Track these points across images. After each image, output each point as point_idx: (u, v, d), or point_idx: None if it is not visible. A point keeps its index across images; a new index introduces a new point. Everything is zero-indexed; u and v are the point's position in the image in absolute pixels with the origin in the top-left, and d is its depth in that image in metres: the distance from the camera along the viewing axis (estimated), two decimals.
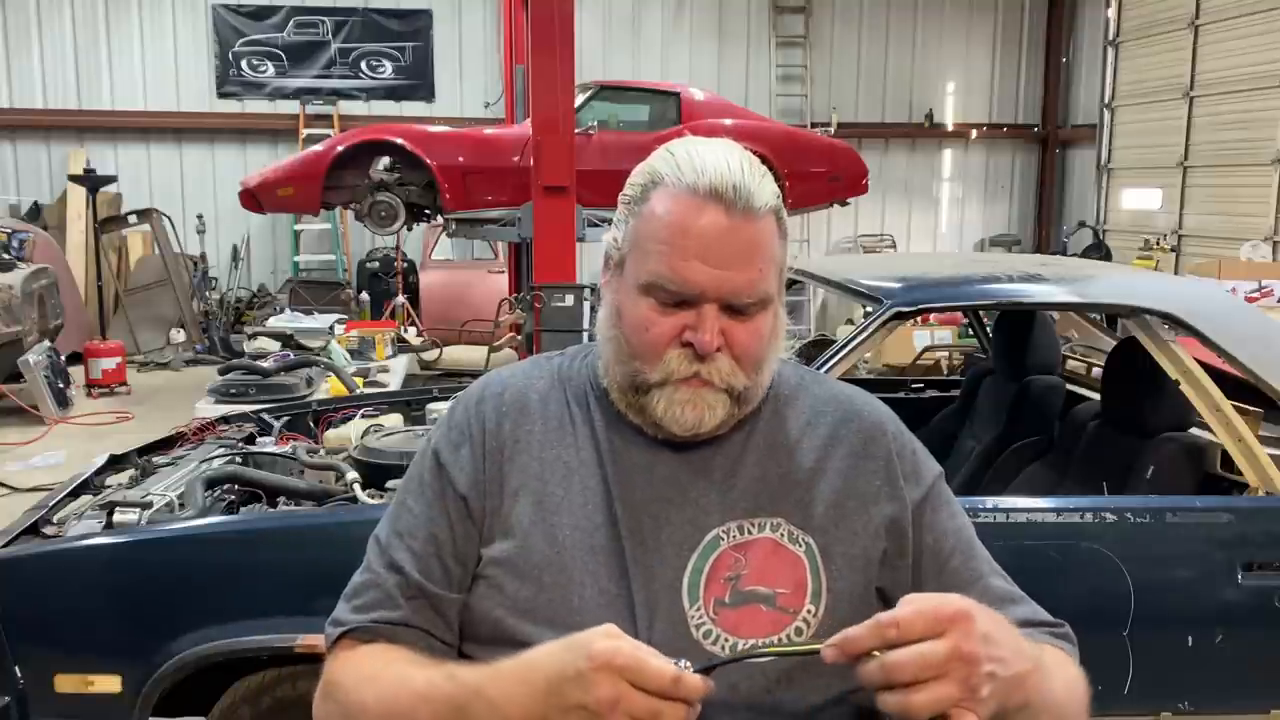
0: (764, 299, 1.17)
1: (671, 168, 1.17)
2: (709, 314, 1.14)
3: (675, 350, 1.16)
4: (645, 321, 1.16)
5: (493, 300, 9.82)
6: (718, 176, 1.13)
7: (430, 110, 12.58)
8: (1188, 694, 2.69)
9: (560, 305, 6.40)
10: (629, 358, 1.18)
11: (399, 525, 1.25)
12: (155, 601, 2.53)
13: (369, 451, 3.12)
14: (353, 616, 1.22)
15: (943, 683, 0.97)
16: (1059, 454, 3.40)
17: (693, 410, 1.16)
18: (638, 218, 1.18)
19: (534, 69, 6.64)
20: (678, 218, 1.14)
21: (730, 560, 1.18)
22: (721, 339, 1.15)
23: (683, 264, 1.13)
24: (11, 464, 7.03)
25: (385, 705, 1.13)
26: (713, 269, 1.13)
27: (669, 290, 1.15)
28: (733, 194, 1.13)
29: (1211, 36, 10.89)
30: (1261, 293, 8.25)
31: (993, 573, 1.25)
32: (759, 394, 1.22)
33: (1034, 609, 1.24)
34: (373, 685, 1.15)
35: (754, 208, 1.14)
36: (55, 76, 12.20)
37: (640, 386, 1.18)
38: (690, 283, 1.13)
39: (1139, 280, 3.86)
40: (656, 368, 1.16)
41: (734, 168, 1.14)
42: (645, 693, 0.96)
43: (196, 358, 10.53)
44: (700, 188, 1.13)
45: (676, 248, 1.13)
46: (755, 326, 1.17)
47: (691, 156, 1.16)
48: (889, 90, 13.66)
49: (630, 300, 1.18)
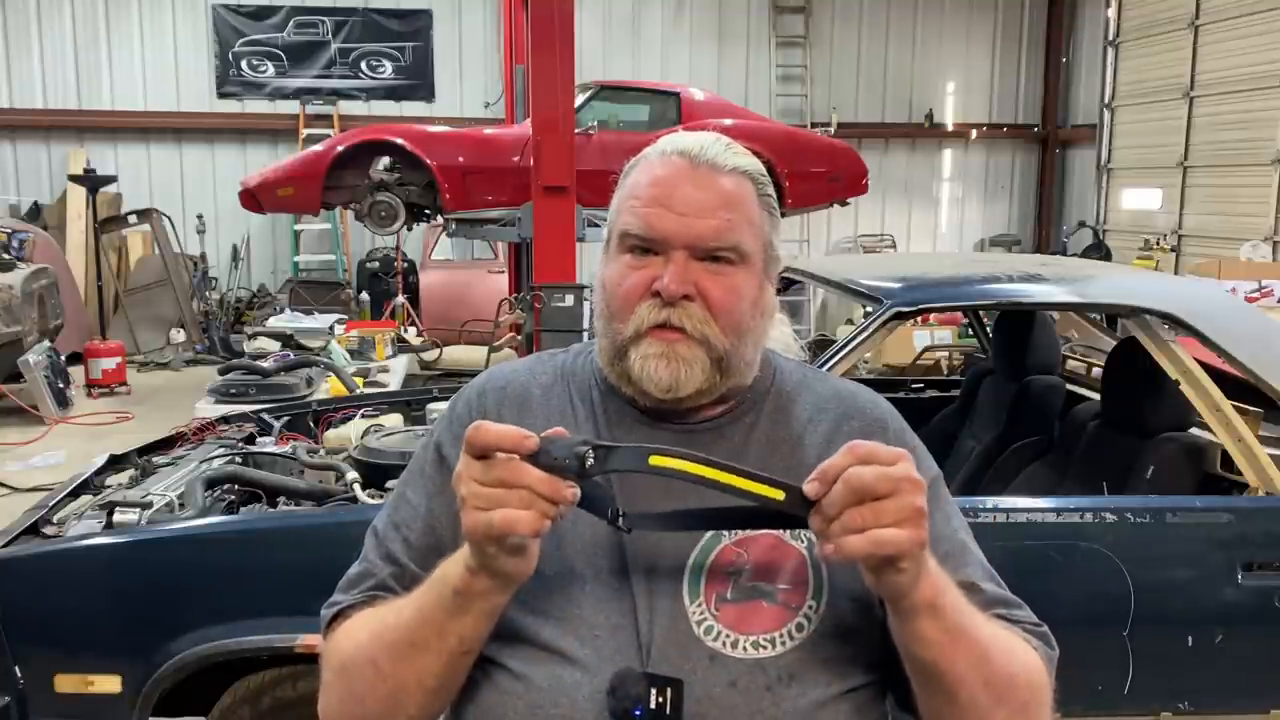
0: (735, 248, 1.18)
1: (653, 147, 1.24)
2: (676, 259, 1.17)
3: (646, 301, 1.18)
4: (619, 277, 1.20)
5: (493, 300, 9.82)
6: (688, 140, 1.22)
7: (430, 110, 12.59)
8: (1188, 694, 2.69)
9: (560, 305, 6.41)
10: (608, 320, 1.21)
11: (397, 516, 1.26)
12: (155, 601, 2.53)
13: (369, 451, 3.12)
14: (346, 598, 1.23)
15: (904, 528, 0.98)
16: (1059, 454, 3.40)
17: (666, 366, 1.17)
18: (619, 192, 1.24)
19: (534, 69, 6.64)
20: (645, 174, 1.21)
21: (731, 555, 1.18)
22: (692, 287, 1.17)
23: (649, 211, 1.18)
24: (11, 464, 7.04)
25: (377, 628, 1.15)
26: (676, 214, 1.17)
27: (636, 237, 1.19)
28: (698, 149, 1.20)
29: (1211, 36, 10.89)
30: (1261, 293, 8.25)
31: (983, 579, 1.23)
32: (743, 367, 1.22)
33: (1025, 613, 1.23)
34: (365, 627, 1.17)
35: (719, 163, 1.19)
36: (55, 76, 12.20)
37: (620, 349, 1.19)
38: (654, 228, 1.17)
39: (1139, 280, 3.86)
40: (629, 321, 1.18)
41: (707, 138, 1.22)
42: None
43: (196, 358, 10.53)
44: (669, 149, 1.22)
45: (644, 199, 1.19)
46: (731, 282, 1.18)
47: (673, 137, 1.24)
48: (889, 90, 13.67)
49: (611, 265, 1.22)
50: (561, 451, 1.01)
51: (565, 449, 1.02)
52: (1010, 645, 1.14)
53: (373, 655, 1.14)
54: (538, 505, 1.00)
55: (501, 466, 1.00)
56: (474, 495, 1.01)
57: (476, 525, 1.01)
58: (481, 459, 1.01)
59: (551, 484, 1.00)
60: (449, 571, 1.09)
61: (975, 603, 1.15)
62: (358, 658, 1.16)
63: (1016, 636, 1.17)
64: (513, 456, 1.00)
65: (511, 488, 1.00)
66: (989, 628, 1.12)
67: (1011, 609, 1.22)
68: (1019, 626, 1.20)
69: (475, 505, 1.01)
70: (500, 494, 1.00)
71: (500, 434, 1.01)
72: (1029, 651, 1.16)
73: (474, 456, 1.01)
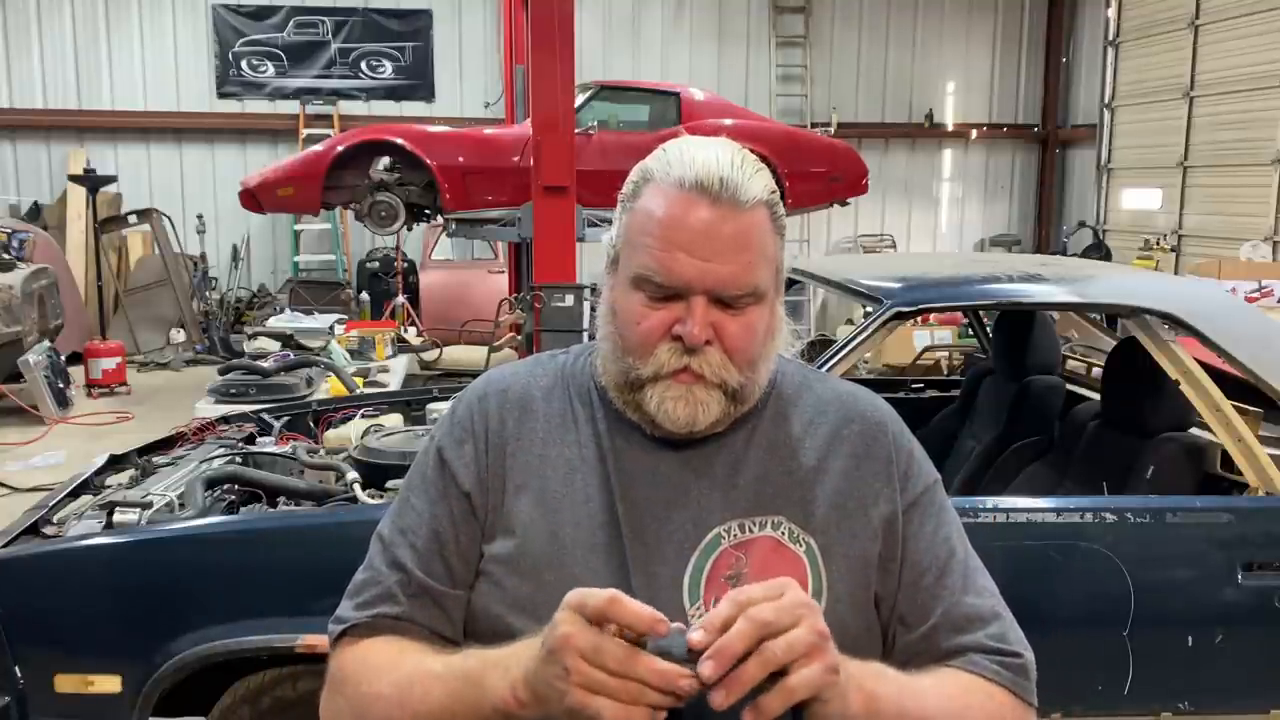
0: (754, 292, 1.16)
1: (662, 164, 1.18)
2: (697, 306, 1.14)
3: (665, 344, 1.16)
4: (636, 315, 1.17)
5: (493, 300, 9.82)
6: (704, 170, 1.14)
7: (430, 110, 12.59)
8: (1188, 694, 2.68)
9: (560, 305, 6.40)
10: (622, 353, 1.19)
11: (402, 522, 1.26)
12: (155, 601, 2.53)
13: (369, 451, 3.12)
14: (354, 613, 1.22)
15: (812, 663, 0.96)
16: (1059, 454, 3.40)
17: (685, 407, 1.16)
18: (629, 214, 1.20)
19: (534, 69, 6.64)
20: (664, 211, 1.15)
21: (731, 559, 1.18)
22: (711, 332, 1.15)
23: (668, 256, 1.14)
24: (11, 464, 7.03)
25: (401, 691, 1.13)
26: (698, 261, 1.13)
27: (656, 283, 1.15)
28: (719, 186, 1.14)
29: (1211, 36, 10.89)
30: (1261, 293, 8.25)
31: (963, 590, 1.22)
32: (755, 391, 1.22)
33: (1002, 631, 1.21)
34: (387, 674, 1.15)
35: (740, 200, 1.14)
36: (55, 76, 12.20)
37: (634, 383, 1.18)
38: (676, 275, 1.14)
39: (1139, 280, 3.86)
40: (648, 362, 1.16)
41: (723, 162, 1.15)
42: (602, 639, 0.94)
43: (196, 358, 10.53)
44: (687, 181, 1.15)
45: (662, 240, 1.14)
46: (747, 321, 1.17)
47: (682, 152, 1.17)
48: (889, 90, 13.66)
49: (623, 295, 1.19)
50: (681, 649, 0.94)
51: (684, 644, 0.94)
52: (965, 706, 1.14)
53: (393, 717, 1.13)
54: (647, 698, 0.93)
55: (616, 650, 0.93)
56: (580, 674, 0.94)
57: (583, 709, 0.94)
58: (592, 624, 0.94)
59: (666, 678, 0.93)
60: (490, 684, 1.04)
61: (946, 627, 1.16)
62: (376, 709, 1.15)
63: (974, 688, 1.16)
64: (619, 639, 0.94)
65: (623, 678, 0.93)
66: (935, 697, 1.11)
67: (986, 625, 1.20)
68: (990, 658, 1.18)
69: (581, 684, 0.94)
70: (613, 684, 0.93)
71: (637, 615, 0.94)
72: (988, 701, 1.16)
73: (589, 619, 0.95)
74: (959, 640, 1.19)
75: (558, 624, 0.96)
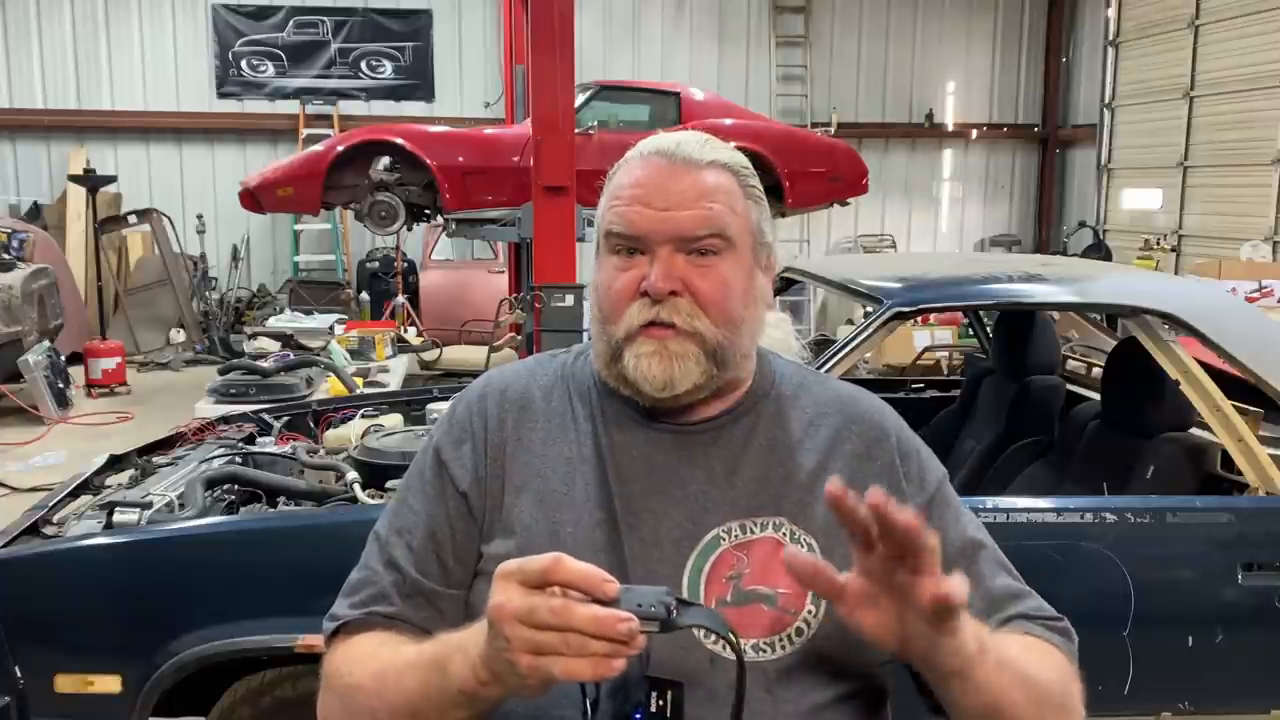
0: (719, 235, 1.18)
1: (633, 150, 1.25)
2: (660, 255, 1.17)
3: (636, 302, 1.18)
4: (609, 279, 1.20)
5: (493, 300, 9.82)
6: (664, 139, 1.23)
7: (430, 110, 12.58)
8: (1188, 694, 2.69)
9: (560, 305, 6.40)
10: (602, 322, 1.21)
11: (399, 522, 1.25)
12: (155, 601, 2.53)
13: (369, 451, 3.12)
14: (348, 611, 1.22)
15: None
16: (1059, 454, 3.40)
17: (660, 363, 1.17)
18: (603, 196, 1.24)
19: (534, 69, 6.64)
20: (626, 176, 1.22)
21: (732, 560, 1.18)
22: (679, 284, 1.17)
23: (629, 210, 1.18)
24: (11, 464, 7.03)
25: (378, 681, 1.13)
26: (656, 210, 1.17)
27: (619, 236, 1.19)
28: (674, 147, 1.21)
29: (1211, 36, 10.89)
30: (1261, 293, 8.25)
31: (995, 573, 1.24)
32: (739, 357, 1.21)
33: (1039, 603, 1.24)
34: (367, 665, 1.15)
35: (696, 158, 1.20)
36: (55, 76, 12.20)
37: (615, 351, 1.19)
38: (635, 225, 1.18)
39: (1139, 280, 3.86)
40: (621, 322, 1.18)
41: (684, 135, 1.24)
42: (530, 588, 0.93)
43: (196, 358, 10.53)
44: (647, 149, 1.23)
45: (624, 198, 1.20)
46: (718, 273, 1.18)
47: (652, 139, 1.25)
48: (889, 90, 13.66)
49: (600, 268, 1.23)
50: (647, 599, 0.94)
51: (651, 597, 0.95)
52: (1043, 655, 1.16)
53: (373, 707, 1.13)
54: (590, 647, 0.91)
55: (550, 605, 0.91)
56: (520, 639, 0.93)
57: (533, 672, 0.93)
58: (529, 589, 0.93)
59: (603, 623, 0.90)
60: (453, 669, 1.03)
61: (982, 600, 1.17)
62: (358, 700, 1.15)
63: (1035, 646, 1.18)
64: (555, 591, 0.93)
65: (560, 630, 0.91)
66: (1016, 646, 1.13)
67: (1023, 600, 1.23)
68: (1037, 623, 1.21)
69: (524, 649, 0.93)
70: (555, 640, 0.91)
71: (582, 574, 0.93)
72: (1048, 656, 1.17)
73: (527, 585, 0.94)
74: (1006, 613, 1.20)
75: (492, 595, 0.95)
